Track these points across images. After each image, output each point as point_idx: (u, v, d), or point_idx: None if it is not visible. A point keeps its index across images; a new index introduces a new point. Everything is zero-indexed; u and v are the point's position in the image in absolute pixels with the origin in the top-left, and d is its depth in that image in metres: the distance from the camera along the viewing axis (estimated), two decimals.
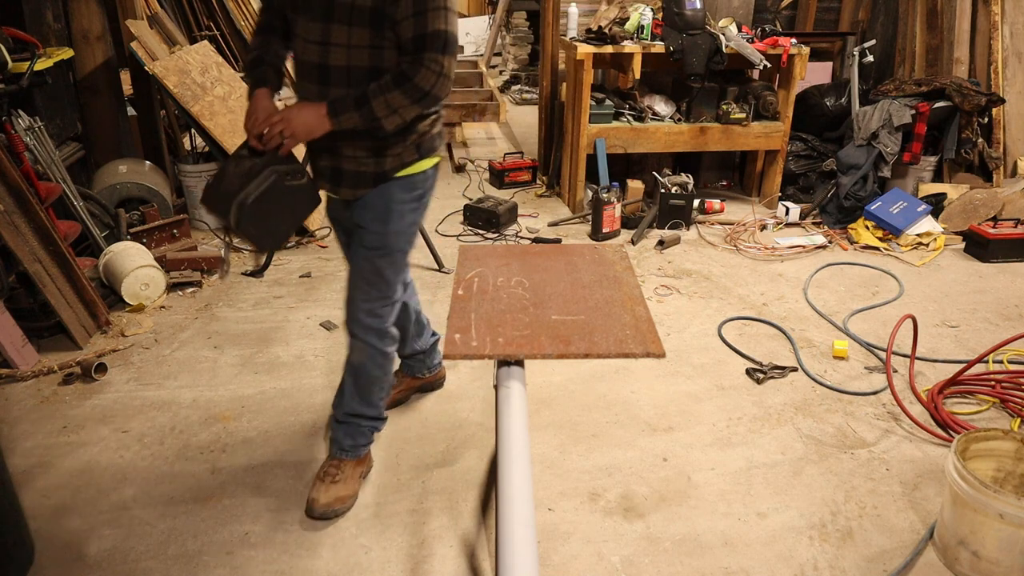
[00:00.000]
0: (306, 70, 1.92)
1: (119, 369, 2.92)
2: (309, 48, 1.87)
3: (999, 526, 1.91)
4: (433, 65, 1.81)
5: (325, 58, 1.86)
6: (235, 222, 1.84)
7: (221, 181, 1.88)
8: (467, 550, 2.09)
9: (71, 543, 2.10)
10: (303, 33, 1.87)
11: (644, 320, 1.42)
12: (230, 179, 1.86)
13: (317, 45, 1.85)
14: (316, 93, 1.90)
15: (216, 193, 1.88)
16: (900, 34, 5.20)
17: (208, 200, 1.91)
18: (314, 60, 1.88)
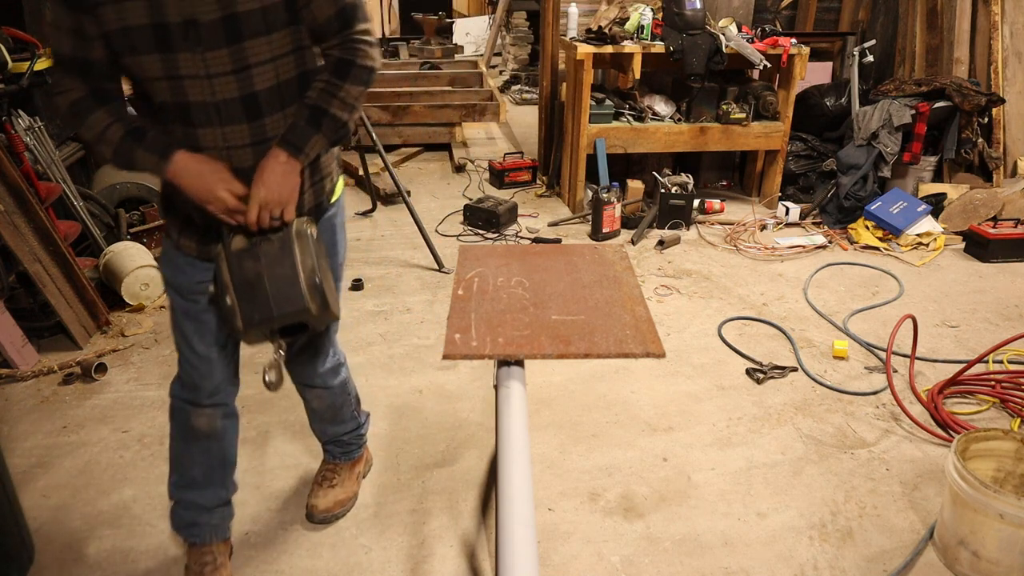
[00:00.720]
0: (212, 111, 1.51)
1: (119, 369, 2.92)
2: (211, 85, 1.49)
3: (999, 526, 1.91)
4: (365, 37, 1.58)
5: (248, 86, 1.52)
6: (318, 307, 1.55)
7: (260, 284, 1.54)
8: (467, 550, 2.09)
9: (71, 543, 2.10)
10: (189, 71, 1.46)
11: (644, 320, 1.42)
12: (271, 274, 1.54)
13: (229, 76, 1.49)
14: (246, 133, 1.56)
15: (265, 299, 1.54)
16: (900, 34, 5.20)
17: (261, 313, 1.53)
18: (229, 95, 1.51)
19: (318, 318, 1.57)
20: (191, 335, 1.76)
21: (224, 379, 1.84)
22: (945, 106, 4.40)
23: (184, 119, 1.53)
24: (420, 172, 5.59)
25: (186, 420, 1.84)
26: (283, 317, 1.53)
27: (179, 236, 1.69)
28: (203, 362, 1.78)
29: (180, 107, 1.51)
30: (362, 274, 3.76)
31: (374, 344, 3.14)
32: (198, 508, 1.91)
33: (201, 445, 1.86)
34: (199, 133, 1.54)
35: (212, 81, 1.49)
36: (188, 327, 1.76)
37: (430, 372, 2.93)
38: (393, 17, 11.30)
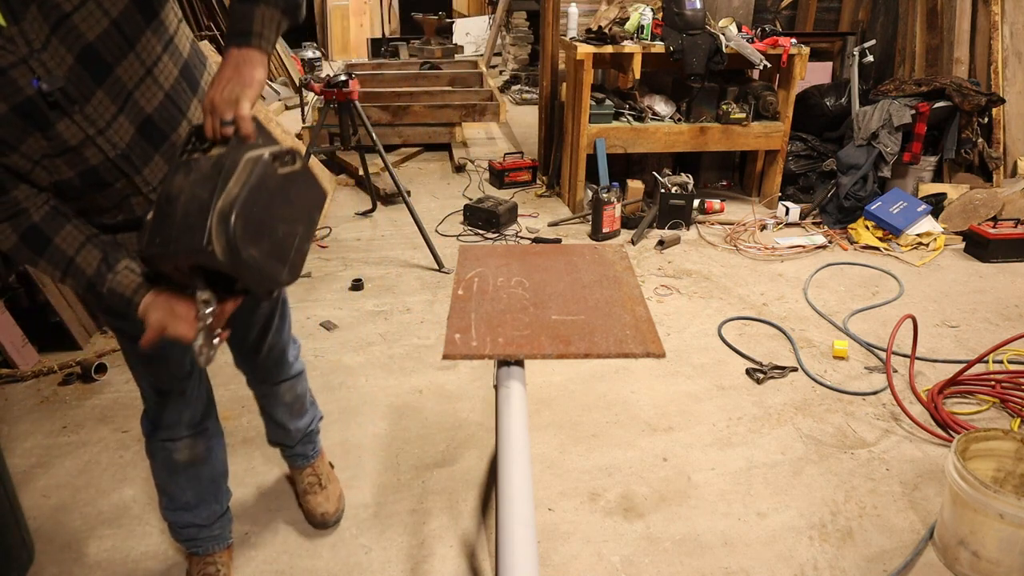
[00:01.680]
0: (122, 163, 1.28)
1: (119, 369, 2.92)
2: (107, 138, 1.24)
3: (999, 526, 1.91)
4: None
5: (139, 114, 1.26)
6: (223, 250, 1.14)
7: (173, 205, 1.17)
8: (467, 550, 2.09)
9: (71, 543, 2.10)
10: (77, 137, 1.22)
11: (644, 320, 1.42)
12: (189, 195, 1.17)
13: (119, 118, 1.24)
14: (162, 162, 1.33)
15: (171, 226, 1.16)
16: (900, 34, 5.20)
17: (160, 242, 1.17)
18: (128, 137, 1.27)
19: (227, 266, 1.16)
20: (148, 374, 1.64)
21: (199, 405, 1.74)
22: (945, 106, 4.40)
23: (93, 184, 1.28)
24: (420, 172, 5.59)
25: (167, 456, 1.75)
26: (179, 253, 1.17)
27: None
28: (170, 400, 1.67)
29: (84, 176, 1.27)
30: (362, 274, 3.76)
31: (374, 344, 3.14)
32: (195, 527, 1.88)
33: (188, 473, 1.79)
34: (119, 188, 1.31)
35: (105, 135, 1.24)
36: (143, 370, 1.64)
37: (430, 372, 2.93)
38: (393, 17, 11.31)
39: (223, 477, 1.91)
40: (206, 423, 1.79)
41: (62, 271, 1.29)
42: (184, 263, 1.20)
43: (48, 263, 1.28)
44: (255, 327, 1.79)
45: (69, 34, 1.14)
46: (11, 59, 1.11)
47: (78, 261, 1.29)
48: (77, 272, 1.29)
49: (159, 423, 1.71)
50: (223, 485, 1.92)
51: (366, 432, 2.57)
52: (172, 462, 1.76)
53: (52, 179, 1.25)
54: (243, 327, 1.77)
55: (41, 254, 1.27)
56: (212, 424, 1.83)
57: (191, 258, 1.17)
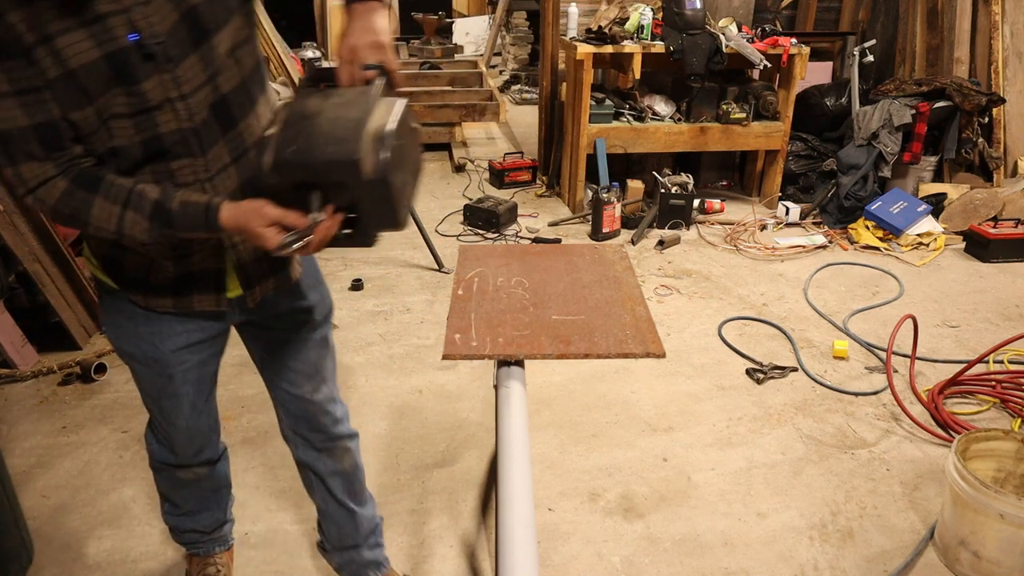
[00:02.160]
0: (190, 139, 1.23)
1: (118, 369, 2.92)
2: (187, 106, 1.21)
3: (1000, 526, 1.91)
4: None
5: (216, 92, 1.24)
6: (372, 166, 1.11)
7: (312, 120, 1.15)
8: (467, 550, 2.09)
9: (70, 543, 2.10)
10: (159, 97, 1.17)
11: (644, 320, 1.42)
12: (333, 114, 1.15)
13: (204, 88, 1.22)
14: (225, 150, 1.28)
15: (312, 136, 1.13)
16: (900, 34, 5.20)
17: (298, 150, 1.12)
18: (201, 114, 1.23)
19: (367, 185, 1.12)
20: (168, 411, 1.55)
21: (208, 434, 1.67)
22: (945, 106, 4.39)
23: (154, 157, 1.22)
24: None
25: (171, 476, 1.73)
26: (323, 165, 1.11)
27: (146, 296, 1.39)
28: (182, 433, 1.61)
29: (147, 145, 1.20)
30: (362, 274, 3.76)
31: (374, 344, 3.13)
32: (197, 532, 1.86)
33: (191, 488, 1.77)
34: (175, 168, 1.24)
35: (188, 102, 1.20)
36: (164, 404, 1.54)
37: (430, 372, 2.93)
38: (393, 17, 11.31)
39: (227, 487, 1.87)
40: (214, 451, 1.73)
41: (122, 203, 1.17)
42: (319, 174, 1.14)
43: (105, 198, 1.16)
44: (301, 373, 1.62)
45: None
46: (113, 7, 1.10)
47: (138, 189, 1.19)
48: (140, 199, 1.17)
49: (168, 448, 1.66)
50: (226, 495, 1.89)
51: (366, 432, 2.56)
52: (175, 479, 1.74)
53: (113, 144, 1.18)
54: (290, 372, 1.61)
55: (96, 190, 1.16)
56: (218, 449, 1.77)
57: (332, 170, 1.12)
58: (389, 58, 1.23)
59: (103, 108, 1.14)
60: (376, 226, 1.23)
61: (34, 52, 1.07)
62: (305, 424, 1.68)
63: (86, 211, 1.17)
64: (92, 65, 1.10)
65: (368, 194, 1.15)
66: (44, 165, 1.13)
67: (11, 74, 1.07)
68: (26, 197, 1.15)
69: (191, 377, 1.51)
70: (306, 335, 1.59)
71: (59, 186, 1.15)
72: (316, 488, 1.77)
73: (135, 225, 1.18)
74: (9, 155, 1.12)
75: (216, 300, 1.42)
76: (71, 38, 1.08)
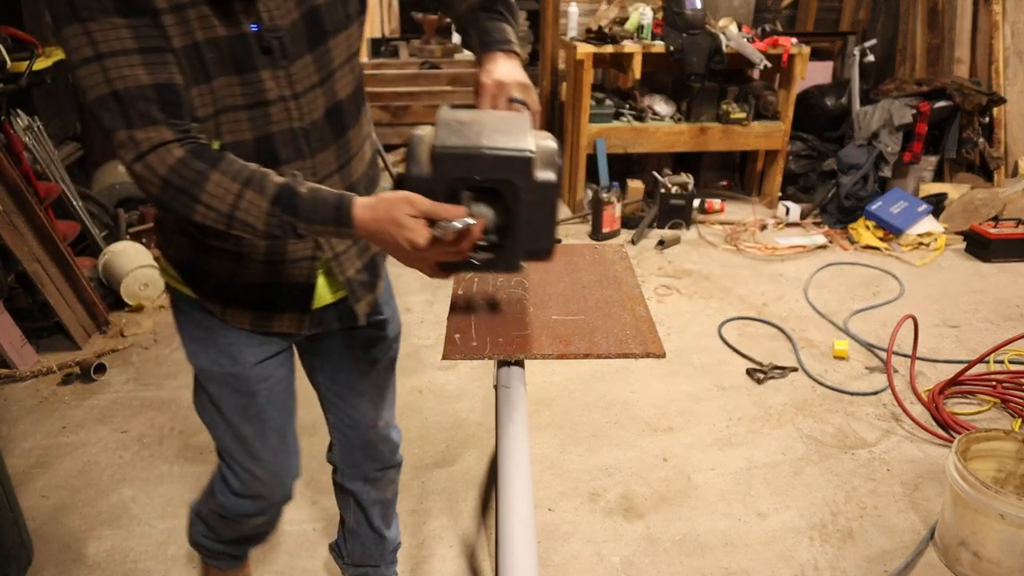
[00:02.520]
0: (300, 141, 1.20)
1: (118, 369, 2.92)
2: (299, 106, 1.18)
3: (1000, 527, 1.91)
4: None
5: (331, 96, 1.22)
6: (546, 170, 1.08)
7: (473, 124, 1.10)
8: (467, 550, 2.09)
9: (70, 543, 2.09)
10: (273, 93, 1.14)
11: (644, 320, 1.42)
12: (494, 122, 1.12)
13: (316, 90, 1.19)
14: (333, 156, 1.25)
15: (479, 134, 1.08)
16: (901, 34, 5.19)
17: (464, 144, 1.06)
18: (317, 115, 1.20)
19: (534, 194, 1.07)
20: (252, 440, 1.39)
21: (293, 480, 1.50)
22: (946, 106, 4.39)
23: (264, 158, 1.15)
24: None
25: (239, 525, 1.54)
26: (492, 159, 1.05)
27: (224, 307, 1.30)
28: (271, 473, 1.43)
29: (259, 144, 1.16)
30: None
31: None
32: (229, 556, 1.70)
33: (248, 529, 1.59)
34: (283, 172, 1.15)
35: (299, 101, 1.17)
36: (247, 430, 1.38)
37: (430, 372, 2.93)
38: (393, 16, 11.30)
39: None
40: (292, 493, 1.54)
41: (243, 180, 1.05)
42: (486, 169, 1.06)
43: (223, 174, 1.05)
44: (367, 396, 1.56)
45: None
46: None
47: (261, 170, 1.08)
48: (263, 179, 1.06)
49: (247, 495, 1.46)
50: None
51: None
52: (242, 525, 1.55)
53: (224, 140, 1.13)
54: (356, 395, 1.54)
55: (215, 164, 1.05)
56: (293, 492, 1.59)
57: (501, 164, 1.06)
58: (534, 99, 1.24)
59: (219, 94, 1.10)
60: (527, 243, 1.13)
61: (161, 17, 1.01)
62: (362, 453, 1.60)
63: (199, 185, 1.04)
64: (216, 41, 1.07)
65: (530, 202, 1.08)
66: (160, 129, 1.03)
67: (137, 31, 1.00)
68: (135, 164, 1.04)
69: (276, 397, 1.40)
70: (377, 355, 1.52)
71: (174, 153, 1.04)
72: (353, 512, 1.71)
73: (252, 207, 1.06)
74: (125, 116, 1.02)
75: (299, 322, 1.33)
76: (200, 11, 1.04)
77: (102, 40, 0.98)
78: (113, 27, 0.98)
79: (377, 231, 1.06)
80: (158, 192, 1.05)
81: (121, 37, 0.99)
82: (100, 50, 0.99)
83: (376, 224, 1.06)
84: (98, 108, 1.02)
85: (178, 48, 1.04)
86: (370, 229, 1.07)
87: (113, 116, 1.02)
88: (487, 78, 1.23)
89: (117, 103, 1.01)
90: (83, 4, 0.97)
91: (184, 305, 1.35)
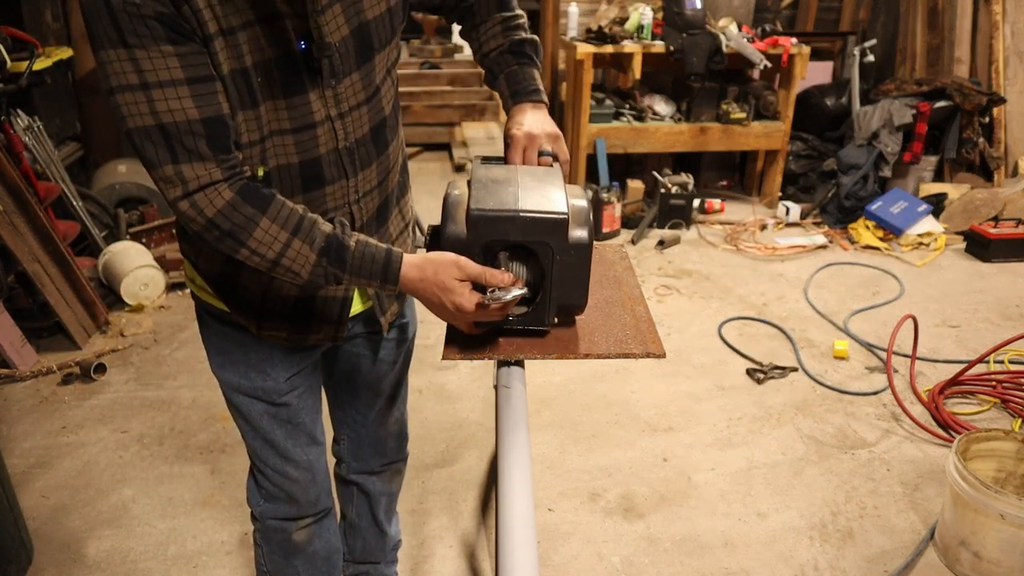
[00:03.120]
0: (345, 161, 1.17)
1: (118, 369, 2.92)
2: (344, 126, 1.15)
3: (1000, 527, 1.91)
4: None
5: (378, 113, 1.20)
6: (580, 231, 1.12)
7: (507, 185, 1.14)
8: (467, 550, 2.09)
9: (70, 543, 2.09)
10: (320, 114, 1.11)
11: (644, 320, 1.42)
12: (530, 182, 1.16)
13: (360, 108, 1.16)
14: (374, 173, 1.23)
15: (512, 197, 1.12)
16: (901, 34, 5.19)
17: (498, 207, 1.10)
18: (361, 133, 1.18)
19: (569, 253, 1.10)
20: (283, 442, 1.38)
21: (326, 478, 1.49)
22: (946, 106, 4.39)
23: (309, 180, 1.14)
24: (420, 172, 5.59)
25: (286, 538, 1.49)
26: (527, 221, 1.07)
27: (259, 322, 1.25)
28: (303, 471, 1.42)
29: (304, 167, 1.13)
30: None
31: None
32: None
33: (304, 556, 1.52)
34: (328, 192, 1.16)
35: (345, 121, 1.14)
36: (278, 434, 1.37)
37: (430, 372, 2.93)
38: None
39: (338, 553, 1.62)
40: (330, 499, 1.53)
41: (292, 229, 1.03)
42: (521, 231, 1.09)
43: (273, 220, 1.02)
44: (383, 395, 1.56)
45: (352, 6, 1.09)
46: (288, 10, 1.02)
47: (311, 217, 1.06)
48: (312, 229, 1.04)
49: (282, 499, 1.44)
50: (339, 563, 1.63)
51: None
52: (290, 544, 1.49)
53: (270, 166, 1.10)
54: (371, 393, 1.54)
55: (265, 208, 1.02)
56: (329, 485, 1.55)
57: (536, 227, 1.09)
58: (564, 149, 1.27)
59: (266, 119, 1.06)
60: (560, 299, 1.17)
61: (213, 43, 0.97)
62: (371, 448, 1.60)
63: (248, 230, 1.02)
64: (265, 64, 1.03)
65: (565, 261, 1.11)
66: (209, 167, 0.99)
67: (186, 59, 0.95)
68: (180, 201, 1.00)
69: (307, 403, 1.39)
70: (396, 356, 1.52)
71: (223, 195, 1.01)
72: (357, 504, 1.69)
73: (300, 257, 1.04)
74: (171, 150, 0.97)
75: (334, 334, 1.30)
76: (251, 33, 1.00)
77: (149, 69, 0.94)
78: (162, 55, 0.94)
79: (423, 291, 1.09)
80: (201, 231, 1.03)
81: (170, 66, 0.94)
82: (146, 79, 0.94)
83: (423, 284, 1.08)
84: (139, 138, 0.97)
85: (226, 74, 1.00)
86: (416, 288, 1.09)
87: (158, 149, 0.97)
88: (518, 130, 1.25)
89: (163, 136, 0.97)
90: (132, 30, 0.92)
91: (212, 318, 1.30)
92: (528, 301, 1.17)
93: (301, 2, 1.02)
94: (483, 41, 1.34)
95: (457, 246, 1.10)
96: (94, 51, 0.95)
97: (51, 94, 3.73)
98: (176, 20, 0.93)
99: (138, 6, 0.91)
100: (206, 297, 1.28)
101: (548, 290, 1.14)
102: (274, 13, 1.01)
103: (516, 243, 1.11)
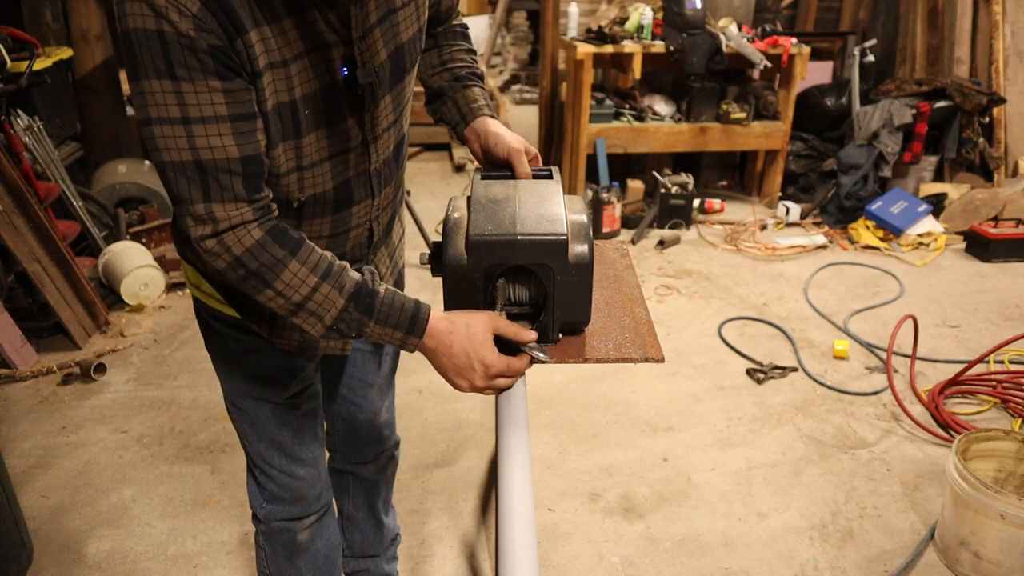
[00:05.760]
0: (373, 182, 1.18)
1: (118, 369, 2.92)
2: (376, 149, 1.15)
3: (1000, 527, 1.91)
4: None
5: (400, 131, 1.20)
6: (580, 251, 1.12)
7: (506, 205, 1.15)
8: (467, 550, 2.09)
9: (70, 543, 2.09)
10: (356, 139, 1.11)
11: (644, 323, 1.41)
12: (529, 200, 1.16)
13: (391, 130, 1.17)
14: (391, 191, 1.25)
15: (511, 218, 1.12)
16: (901, 33, 5.19)
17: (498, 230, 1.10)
18: (387, 154, 1.18)
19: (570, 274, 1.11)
20: (290, 443, 1.38)
21: (327, 472, 1.50)
22: (946, 106, 4.39)
23: (338, 204, 1.14)
24: (420, 172, 5.59)
25: (291, 539, 1.48)
26: (527, 244, 1.08)
27: (272, 328, 1.23)
28: (309, 468, 1.42)
29: (337, 191, 1.13)
30: None
31: None
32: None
33: (307, 555, 1.52)
34: (352, 213, 1.16)
35: (377, 144, 1.13)
36: (286, 435, 1.37)
37: (430, 372, 2.92)
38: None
39: (338, 550, 1.61)
40: (330, 495, 1.54)
41: (322, 273, 1.02)
42: (520, 255, 1.10)
43: (302, 263, 1.01)
44: (377, 385, 1.56)
45: (390, 29, 1.07)
46: (335, 38, 1.01)
47: (339, 263, 1.05)
48: (341, 275, 1.04)
49: (286, 499, 1.43)
50: (339, 561, 1.62)
51: None
52: (294, 544, 1.49)
53: (309, 192, 1.09)
54: (366, 385, 1.54)
55: (295, 251, 1.01)
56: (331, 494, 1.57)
57: (535, 249, 1.09)
58: (533, 150, 1.28)
59: (306, 150, 1.05)
60: (564, 316, 1.17)
61: (261, 78, 0.95)
62: (365, 438, 1.61)
63: (276, 271, 1.00)
64: (312, 96, 1.02)
65: (566, 282, 1.12)
66: (241, 207, 0.97)
67: (232, 96, 0.92)
68: (208, 239, 0.98)
69: (311, 403, 1.39)
70: (389, 348, 1.52)
71: (253, 235, 0.99)
72: (352, 493, 1.69)
73: (326, 302, 1.03)
74: (205, 187, 0.95)
75: (343, 343, 1.30)
76: (301, 65, 0.99)
77: (193, 104, 0.91)
78: (208, 91, 0.91)
79: (448, 344, 1.07)
80: (226, 268, 1.00)
81: (215, 102, 0.92)
82: (189, 114, 0.91)
83: (451, 336, 1.07)
84: (173, 172, 0.94)
85: (269, 109, 0.98)
86: (441, 341, 1.07)
87: (191, 185, 0.95)
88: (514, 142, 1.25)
89: (199, 173, 0.94)
90: (182, 62, 0.89)
91: (219, 323, 1.27)
92: (532, 318, 1.18)
93: (347, 29, 1.01)
94: (437, 77, 1.35)
95: (458, 272, 1.11)
96: (133, 79, 0.91)
97: (51, 94, 3.73)
98: (228, 54, 0.91)
99: (192, 39, 0.88)
100: (214, 304, 1.25)
101: (551, 309, 1.15)
102: (324, 44, 1.01)
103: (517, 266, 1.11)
